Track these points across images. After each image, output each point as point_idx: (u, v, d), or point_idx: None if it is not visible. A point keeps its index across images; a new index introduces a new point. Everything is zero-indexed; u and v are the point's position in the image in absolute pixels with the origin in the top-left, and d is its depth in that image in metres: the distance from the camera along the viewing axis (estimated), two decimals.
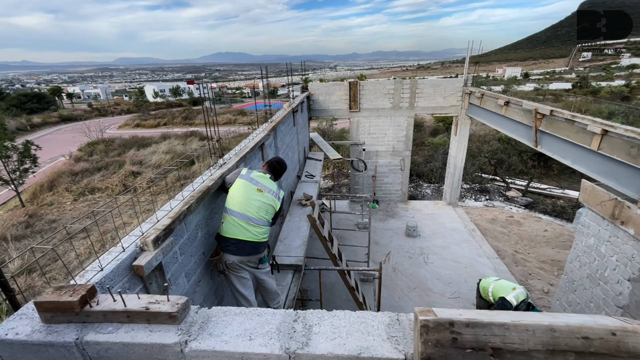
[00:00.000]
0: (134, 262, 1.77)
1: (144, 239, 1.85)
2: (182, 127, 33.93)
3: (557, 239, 8.86)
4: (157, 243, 1.90)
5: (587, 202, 4.18)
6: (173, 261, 2.20)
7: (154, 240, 1.86)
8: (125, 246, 1.80)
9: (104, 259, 1.71)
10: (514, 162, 15.29)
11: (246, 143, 3.88)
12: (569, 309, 4.59)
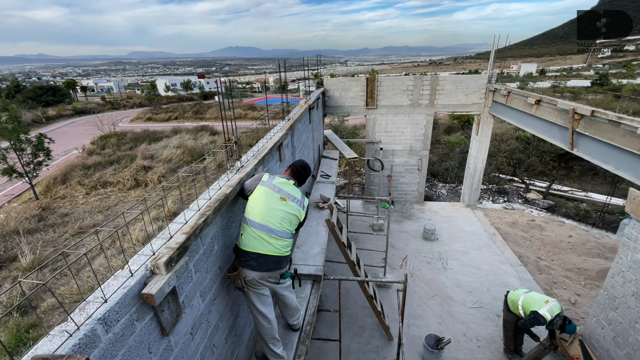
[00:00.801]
0: (144, 289, 1.52)
1: (155, 261, 1.60)
2: (192, 121, 33.98)
3: (583, 246, 8.41)
4: (170, 265, 1.64)
5: (635, 213, 3.80)
6: (187, 281, 1.95)
7: (166, 262, 1.60)
8: (133, 269, 1.55)
9: (108, 285, 1.46)
10: (533, 163, 14.71)
11: (264, 143, 3.61)
12: (609, 327, 4.22)
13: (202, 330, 2.15)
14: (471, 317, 5.74)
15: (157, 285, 1.53)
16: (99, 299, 1.35)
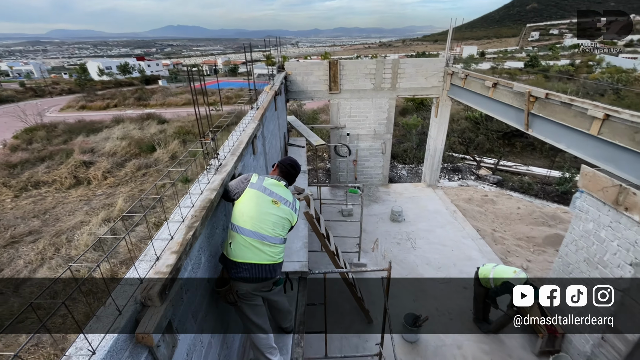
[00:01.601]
0: (137, 328, 1.26)
1: (145, 292, 1.34)
2: (135, 108, 31.09)
3: (530, 216, 9.30)
4: (164, 294, 1.40)
5: (587, 187, 4.19)
6: (179, 304, 1.70)
7: (160, 291, 1.35)
8: (120, 305, 1.28)
9: (92, 329, 1.19)
10: (482, 141, 15.81)
11: (238, 136, 3.31)
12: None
13: (196, 354, 1.93)
14: (442, 292, 6.09)
15: (153, 321, 1.29)
16: (83, 352, 1.09)
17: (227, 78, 52.94)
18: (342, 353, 4.87)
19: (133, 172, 13.62)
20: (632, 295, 3.69)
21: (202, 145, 2.43)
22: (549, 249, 7.94)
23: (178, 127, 19.40)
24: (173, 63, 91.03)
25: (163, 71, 69.22)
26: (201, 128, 2.43)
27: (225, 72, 62.66)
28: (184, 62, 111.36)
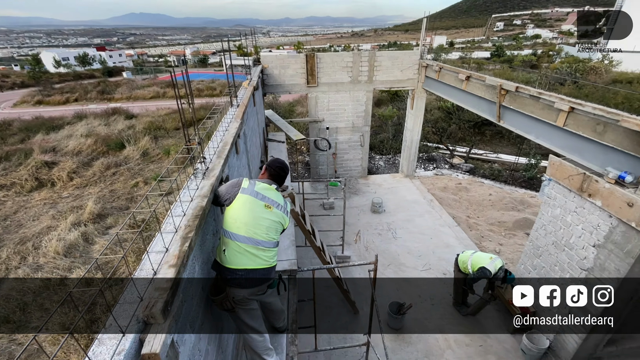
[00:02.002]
0: (143, 348, 1.24)
1: (148, 310, 1.31)
2: (99, 103, 29.29)
3: (501, 202, 9.82)
4: (167, 310, 1.37)
5: (554, 175, 4.49)
6: (179, 317, 1.67)
7: (163, 308, 1.33)
8: (122, 325, 1.25)
9: (95, 353, 1.15)
10: (454, 131, 16.36)
11: (221, 137, 3.23)
12: (534, 271, 5.07)
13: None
14: (423, 279, 6.35)
15: (159, 339, 1.27)
16: None
17: (197, 69, 50.91)
18: (332, 345, 4.99)
19: (102, 172, 12.93)
20: (594, 273, 4.03)
21: (188, 150, 2.35)
22: (519, 232, 8.46)
23: (148, 122, 18.55)
24: (137, 53, 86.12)
25: (127, 62, 65.31)
26: (187, 133, 2.33)
27: (195, 63, 60.20)
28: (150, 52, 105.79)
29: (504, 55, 48.09)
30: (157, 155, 14.35)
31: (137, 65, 59.35)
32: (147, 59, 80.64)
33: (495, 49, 55.38)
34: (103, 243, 7.94)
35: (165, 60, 77.37)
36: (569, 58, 33.60)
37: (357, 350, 4.92)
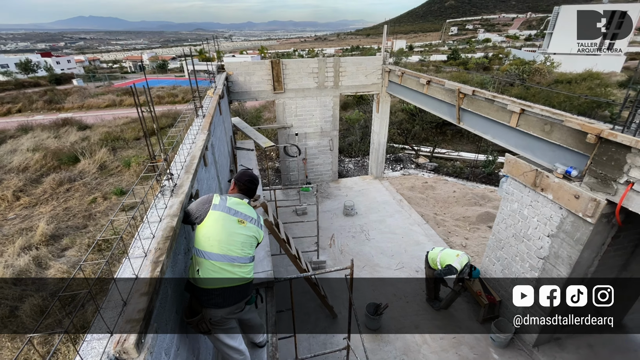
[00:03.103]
0: None
1: (119, 345, 1.23)
2: (46, 113, 27.13)
3: (464, 198, 10.36)
4: (141, 342, 1.30)
5: (510, 172, 4.82)
6: (153, 348, 1.59)
7: (136, 342, 1.26)
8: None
9: None
10: (418, 131, 17.04)
11: (188, 150, 3.12)
12: (497, 263, 5.40)
13: None
14: (397, 278, 6.52)
15: None
16: None
17: (156, 75, 48.78)
18: (312, 352, 4.96)
19: (53, 189, 11.94)
20: (550, 261, 4.37)
21: (154, 168, 2.24)
22: (482, 225, 8.97)
23: (104, 132, 17.46)
24: (88, 59, 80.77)
25: (77, 68, 60.98)
26: (151, 149, 2.23)
27: (154, 69, 57.60)
28: (102, 58, 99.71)
29: (459, 58, 50.92)
30: (117, 167, 13.53)
31: (89, 71, 55.66)
32: (99, 65, 75.90)
33: (451, 53, 58.56)
34: (59, 267, 7.32)
35: (121, 66, 73.29)
36: (516, 60, 36.31)
37: (338, 355, 4.95)
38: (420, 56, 63.31)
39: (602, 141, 3.58)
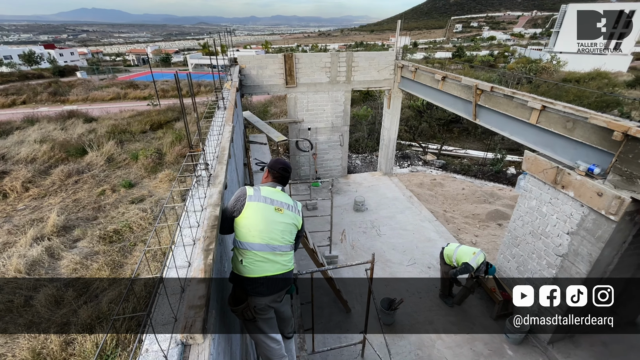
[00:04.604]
0: None
1: (187, 330, 1.24)
2: (52, 105, 27.13)
3: (473, 195, 10.35)
4: (205, 329, 1.30)
5: (529, 170, 4.80)
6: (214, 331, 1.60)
7: (202, 327, 1.26)
8: (165, 350, 1.17)
9: None
10: (425, 128, 16.99)
11: (216, 141, 3.12)
12: (512, 260, 5.40)
13: None
14: (409, 274, 6.54)
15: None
16: None
17: (160, 69, 48.59)
18: (327, 345, 5.00)
19: (62, 180, 11.97)
20: (569, 259, 4.37)
21: (191, 158, 2.24)
22: (491, 223, 8.97)
23: (111, 125, 17.44)
24: (92, 52, 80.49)
25: (80, 61, 60.80)
26: (189, 137, 2.22)
27: (157, 62, 57.40)
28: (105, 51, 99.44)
29: (464, 56, 50.62)
30: (124, 160, 13.54)
31: (93, 64, 55.54)
32: (102, 57, 75.70)
33: (456, 50, 58.20)
34: (72, 258, 7.36)
35: (124, 59, 73.04)
36: (522, 59, 36.06)
37: (353, 349, 4.97)
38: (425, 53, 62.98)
39: (629, 139, 3.56)
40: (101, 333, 5.15)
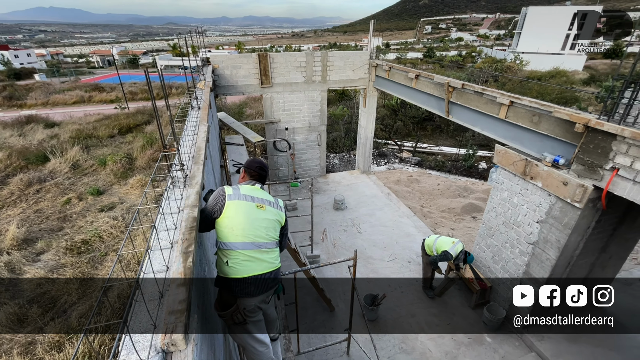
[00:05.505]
0: None
1: (168, 338, 1.17)
2: (7, 110, 25.32)
3: (448, 190, 10.68)
4: (187, 333, 1.24)
5: (500, 162, 5.01)
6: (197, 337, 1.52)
7: (183, 331, 1.20)
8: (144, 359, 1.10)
9: None
10: (400, 127, 17.37)
11: (191, 141, 3.01)
12: (488, 250, 5.61)
13: None
14: (390, 270, 6.63)
15: None
16: None
17: (128, 71, 46.56)
18: (312, 345, 4.96)
19: (21, 190, 11.17)
20: (539, 246, 4.60)
21: (166, 158, 2.14)
22: (466, 216, 9.29)
23: (75, 130, 16.49)
24: (51, 53, 75.75)
25: (38, 63, 57.08)
26: (162, 137, 2.12)
27: (124, 64, 54.97)
28: (67, 52, 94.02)
29: (434, 56, 52.24)
30: (91, 166, 12.84)
31: (53, 66, 52.35)
32: (63, 59, 71.52)
33: (426, 50, 59.99)
34: (35, 272, 6.87)
35: (87, 60, 69.33)
36: (488, 58, 37.70)
37: (338, 347, 4.97)
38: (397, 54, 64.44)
39: (590, 130, 3.79)
40: (71, 349, 4.83)
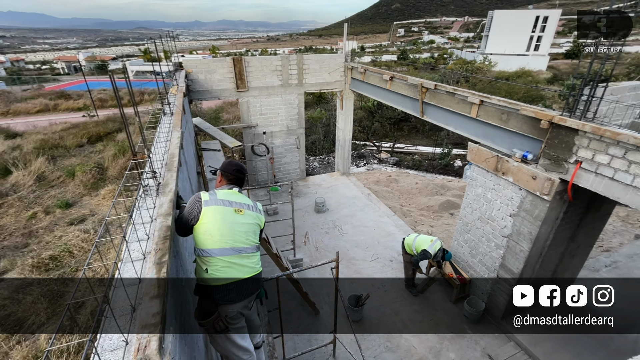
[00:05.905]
0: None
1: (141, 353, 1.11)
2: None
3: (426, 189, 10.93)
4: (162, 348, 1.19)
5: (474, 160, 5.18)
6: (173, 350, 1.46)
7: (158, 346, 1.14)
8: None
9: None
10: (377, 128, 17.64)
11: (164, 148, 2.91)
12: (465, 245, 5.78)
13: None
14: (373, 269, 6.69)
15: None
16: None
17: (96, 77, 44.67)
18: (297, 350, 4.91)
19: None
20: (513, 238, 4.78)
21: (137, 166, 2.05)
22: (444, 213, 9.53)
23: (39, 140, 15.60)
24: (10, 60, 71.48)
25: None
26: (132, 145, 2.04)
27: (92, 70, 52.71)
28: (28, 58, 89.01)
29: (408, 58, 53.61)
30: (59, 178, 12.18)
31: (13, 73, 49.45)
32: (24, 66, 67.67)
33: (400, 53, 61.49)
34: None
35: (51, 67, 65.91)
36: (459, 60, 39.09)
37: (324, 350, 4.94)
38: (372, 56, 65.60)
39: (554, 126, 3.99)
40: None
